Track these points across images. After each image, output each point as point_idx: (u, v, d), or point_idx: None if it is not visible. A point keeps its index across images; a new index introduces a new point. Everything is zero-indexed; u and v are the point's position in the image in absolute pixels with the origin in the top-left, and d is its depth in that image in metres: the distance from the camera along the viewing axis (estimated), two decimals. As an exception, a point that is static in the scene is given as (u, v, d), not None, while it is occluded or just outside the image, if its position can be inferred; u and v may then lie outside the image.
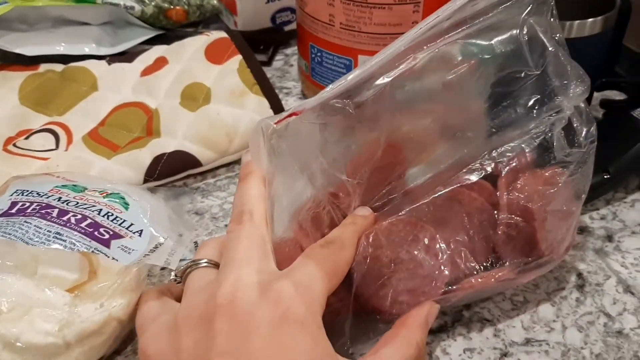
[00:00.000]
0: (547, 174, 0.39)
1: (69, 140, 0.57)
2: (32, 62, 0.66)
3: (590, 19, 0.50)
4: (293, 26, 0.79)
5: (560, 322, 0.42)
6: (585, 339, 0.41)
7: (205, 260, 0.37)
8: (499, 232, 0.39)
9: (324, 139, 0.37)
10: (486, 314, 0.43)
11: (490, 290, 0.42)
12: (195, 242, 0.49)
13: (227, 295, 0.32)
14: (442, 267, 0.38)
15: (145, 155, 0.55)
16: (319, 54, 0.60)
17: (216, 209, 0.53)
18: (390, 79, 0.37)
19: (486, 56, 0.38)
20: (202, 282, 0.35)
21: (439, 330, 0.42)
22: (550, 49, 0.39)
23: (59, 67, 0.65)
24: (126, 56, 0.67)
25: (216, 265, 0.36)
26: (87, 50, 0.71)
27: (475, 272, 0.39)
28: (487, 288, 0.40)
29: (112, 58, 0.67)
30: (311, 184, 0.38)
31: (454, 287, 0.38)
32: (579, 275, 0.46)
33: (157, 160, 0.54)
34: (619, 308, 0.43)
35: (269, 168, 0.37)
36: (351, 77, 0.37)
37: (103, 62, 0.65)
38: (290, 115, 0.37)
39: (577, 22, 0.50)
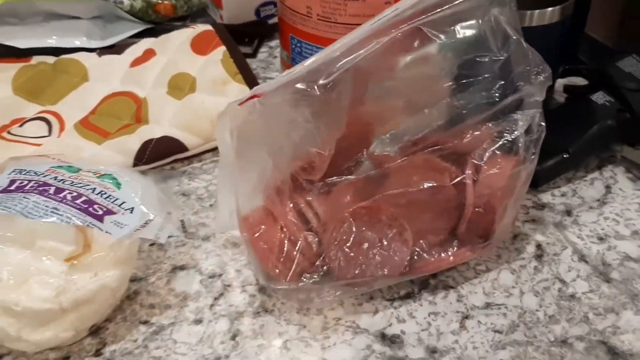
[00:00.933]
0: (508, 166, 0.42)
1: (62, 128, 0.60)
2: (24, 54, 0.69)
3: (549, 8, 0.54)
4: (277, 19, 0.82)
5: (518, 288, 0.46)
6: (540, 302, 0.45)
7: None
8: (463, 224, 0.43)
9: (294, 118, 0.40)
10: (451, 281, 0.46)
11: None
12: (182, 221, 0.53)
13: None
14: (404, 249, 0.42)
15: (134, 141, 0.58)
16: (298, 44, 0.63)
17: (202, 190, 0.56)
18: (355, 60, 0.39)
19: (449, 40, 0.41)
20: None
21: (407, 296, 0.45)
22: (513, 37, 0.42)
23: (50, 59, 0.68)
24: (116, 48, 0.70)
25: None
26: (78, 43, 0.74)
27: (434, 253, 0.44)
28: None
29: (102, 50, 0.70)
30: (278, 159, 0.41)
31: (415, 266, 0.43)
32: (538, 246, 0.49)
33: (146, 145, 0.58)
34: (573, 275, 0.47)
35: (236, 149, 0.40)
36: (310, 61, 0.40)
37: (93, 55, 0.69)
38: (252, 97, 0.40)
39: (537, 11, 0.54)
